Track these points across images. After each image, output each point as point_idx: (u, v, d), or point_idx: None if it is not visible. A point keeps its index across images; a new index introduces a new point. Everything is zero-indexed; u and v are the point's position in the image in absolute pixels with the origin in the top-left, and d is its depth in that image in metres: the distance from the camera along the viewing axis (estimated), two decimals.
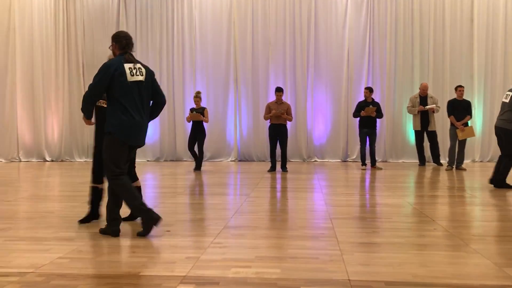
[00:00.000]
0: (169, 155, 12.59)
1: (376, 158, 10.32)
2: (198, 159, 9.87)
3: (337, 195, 6.48)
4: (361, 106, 10.10)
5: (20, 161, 12.67)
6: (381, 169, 10.00)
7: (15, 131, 12.74)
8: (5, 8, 12.70)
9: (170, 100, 12.45)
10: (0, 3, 12.68)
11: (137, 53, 12.61)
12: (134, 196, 4.07)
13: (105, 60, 4.56)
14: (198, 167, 9.86)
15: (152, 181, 8.47)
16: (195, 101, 9.91)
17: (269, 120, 9.60)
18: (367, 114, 9.93)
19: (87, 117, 4.27)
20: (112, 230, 4.11)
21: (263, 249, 3.63)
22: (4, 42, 12.73)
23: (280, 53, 12.30)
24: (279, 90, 9.56)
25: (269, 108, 9.53)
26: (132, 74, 4.10)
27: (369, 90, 10.15)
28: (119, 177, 4.07)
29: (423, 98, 10.85)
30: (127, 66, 4.10)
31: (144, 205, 4.06)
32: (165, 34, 12.55)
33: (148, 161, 12.47)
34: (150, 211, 4.04)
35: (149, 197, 6.51)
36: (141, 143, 4.24)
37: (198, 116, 9.68)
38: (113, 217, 4.13)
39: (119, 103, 4.04)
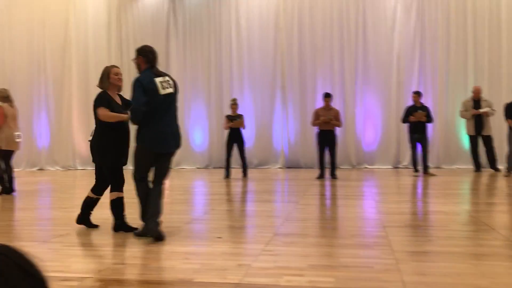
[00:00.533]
0: (218, 162, 12.71)
1: (429, 164, 10.01)
2: (244, 166, 9.86)
3: (389, 202, 6.32)
4: (410, 111, 9.85)
5: (76, 169, 13.16)
6: (434, 175, 9.68)
7: (72, 141, 13.27)
8: (62, 23, 13.29)
9: (218, 108, 12.60)
10: (57, 18, 13.29)
11: (186, 61, 12.90)
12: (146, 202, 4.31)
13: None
14: (245, 174, 9.86)
15: (202, 188, 8.58)
16: (233, 108, 9.89)
17: (317, 127, 9.52)
18: (417, 119, 9.66)
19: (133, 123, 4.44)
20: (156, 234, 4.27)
21: (315, 257, 3.58)
22: (61, 55, 13.32)
23: (327, 59, 12.20)
24: (327, 96, 9.48)
25: (317, 114, 9.45)
26: (163, 87, 4.29)
27: (418, 94, 9.88)
28: (143, 182, 4.37)
29: (477, 101, 10.46)
30: (157, 80, 4.29)
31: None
32: (213, 43, 12.74)
33: (197, 168, 12.66)
34: (157, 224, 4.20)
35: (199, 204, 6.60)
36: (173, 150, 4.44)
37: (240, 123, 9.68)
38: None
39: (152, 115, 4.24)
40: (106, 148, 4.65)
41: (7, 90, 8.05)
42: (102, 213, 5.84)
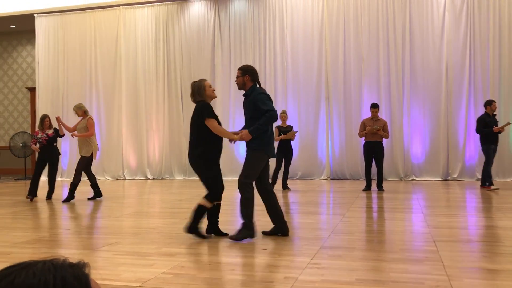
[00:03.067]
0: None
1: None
2: (286, 177, 9.81)
3: (438, 216, 6.12)
4: (487, 121, 9.07)
5: (125, 179, 13.52)
6: (497, 189, 9.14)
7: (121, 151, 13.66)
8: (112, 38, 13.78)
9: None
10: (108, 34, 13.80)
11: (231, 73, 13.06)
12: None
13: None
14: (285, 186, 9.79)
15: None
16: (283, 119, 9.85)
17: (363, 138, 9.38)
18: (500, 129, 8.99)
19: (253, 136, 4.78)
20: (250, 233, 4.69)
21: (363, 271, 3.50)
22: (112, 69, 13.80)
23: (373, 69, 12.03)
24: (374, 107, 9.32)
25: (364, 125, 9.30)
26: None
27: (494, 103, 9.23)
28: (251, 186, 4.77)
29: None
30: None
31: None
32: (257, 55, 12.85)
33: None
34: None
35: None
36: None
37: (292, 135, 9.63)
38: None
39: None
40: (214, 160, 4.85)
41: (83, 104, 9.01)
42: (149, 222, 5.95)
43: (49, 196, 8.67)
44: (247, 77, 4.86)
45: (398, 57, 11.86)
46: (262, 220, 5.83)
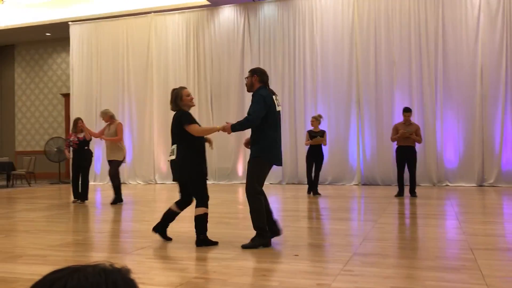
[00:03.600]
0: (291, 178, 12.67)
1: None
2: (315, 182, 9.68)
3: (474, 223, 5.95)
4: None
5: (156, 183, 13.69)
6: None
7: (152, 156, 13.84)
8: (144, 45, 14.01)
9: (291, 124, 12.61)
10: (140, 40, 14.03)
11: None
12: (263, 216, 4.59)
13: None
14: (316, 192, 9.67)
15: (276, 204, 8.57)
16: (315, 124, 9.73)
17: (395, 142, 9.22)
18: None
19: (233, 131, 4.74)
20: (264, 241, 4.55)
21: (397, 279, 3.43)
22: (143, 76, 14.02)
23: (405, 72, 11.84)
24: (407, 111, 9.16)
25: (396, 130, 9.14)
26: (277, 104, 4.73)
27: None
28: (259, 195, 4.60)
29: None
30: (274, 97, 4.73)
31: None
32: (287, 60, 12.82)
33: (270, 183, 12.68)
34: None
35: None
36: (281, 163, 4.83)
37: (320, 141, 9.56)
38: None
39: (269, 129, 4.62)
40: (193, 164, 4.76)
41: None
42: (180, 226, 5.98)
43: (82, 199, 8.81)
44: (255, 77, 4.75)
45: (430, 60, 11.63)
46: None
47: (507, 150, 11.16)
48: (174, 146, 4.87)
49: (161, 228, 5.07)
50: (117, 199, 8.53)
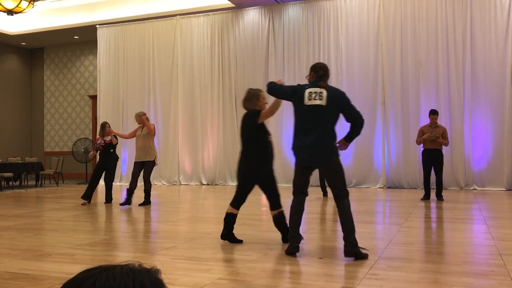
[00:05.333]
0: (315, 181, 12.57)
1: None
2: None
3: (504, 227, 5.81)
4: None
5: (180, 184, 13.81)
6: None
7: (177, 157, 13.97)
8: (170, 47, 14.17)
9: None
10: (166, 42, 14.20)
11: (284, 81, 13.05)
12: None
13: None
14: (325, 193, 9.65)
15: None
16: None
17: (422, 145, 9.08)
18: None
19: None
20: (293, 246, 4.34)
21: (424, 284, 3.38)
22: (169, 77, 14.17)
23: (432, 73, 11.65)
24: (434, 113, 9.01)
25: (422, 132, 9.01)
26: (310, 98, 4.33)
27: None
28: (295, 194, 4.47)
29: None
30: (308, 90, 4.37)
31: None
32: (312, 61, 12.71)
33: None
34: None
35: None
36: (307, 163, 4.41)
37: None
38: (293, 235, 4.38)
39: (296, 126, 4.42)
40: (251, 163, 4.92)
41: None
42: (205, 227, 6.03)
43: (107, 200, 8.95)
44: (312, 74, 4.59)
45: (458, 61, 11.42)
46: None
47: None
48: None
49: (285, 236, 4.89)
50: (146, 202, 8.60)
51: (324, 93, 4.32)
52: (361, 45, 12.28)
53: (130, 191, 8.50)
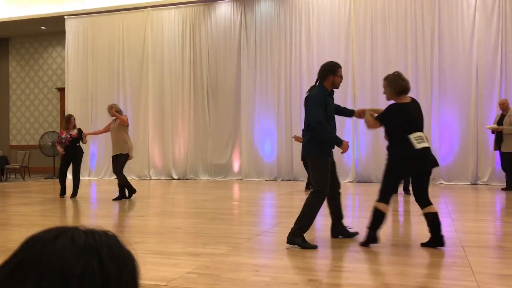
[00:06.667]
0: (286, 175, 12.69)
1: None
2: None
3: (467, 220, 5.99)
4: None
5: (151, 179, 13.67)
6: None
7: (147, 151, 13.82)
8: (140, 39, 13.97)
9: (287, 121, 12.63)
10: (136, 35, 13.99)
11: (256, 75, 13.07)
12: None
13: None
14: (308, 187, 9.73)
15: (270, 201, 8.59)
16: None
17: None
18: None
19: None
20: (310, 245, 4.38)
21: (389, 276, 3.45)
22: (138, 70, 13.98)
23: (401, 71, 11.70)
24: None
25: None
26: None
27: None
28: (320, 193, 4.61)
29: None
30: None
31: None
32: (283, 56, 12.82)
33: (266, 180, 12.70)
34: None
35: (268, 216, 6.59)
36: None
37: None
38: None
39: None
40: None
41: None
42: (175, 222, 6.00)
43: (73, 195, 8.79)
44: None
45: (426, 59, 11.66)
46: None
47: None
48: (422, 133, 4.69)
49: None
50: (121, 196, 8.48)
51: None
52: (332, 40, 12.40)
53: (120, 186, 8.49)
